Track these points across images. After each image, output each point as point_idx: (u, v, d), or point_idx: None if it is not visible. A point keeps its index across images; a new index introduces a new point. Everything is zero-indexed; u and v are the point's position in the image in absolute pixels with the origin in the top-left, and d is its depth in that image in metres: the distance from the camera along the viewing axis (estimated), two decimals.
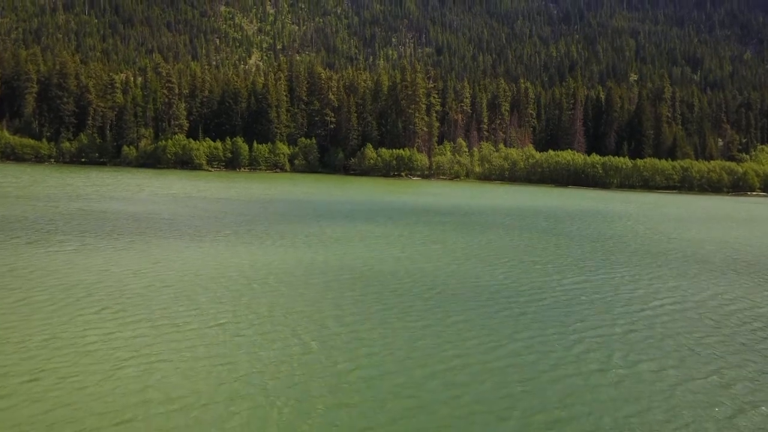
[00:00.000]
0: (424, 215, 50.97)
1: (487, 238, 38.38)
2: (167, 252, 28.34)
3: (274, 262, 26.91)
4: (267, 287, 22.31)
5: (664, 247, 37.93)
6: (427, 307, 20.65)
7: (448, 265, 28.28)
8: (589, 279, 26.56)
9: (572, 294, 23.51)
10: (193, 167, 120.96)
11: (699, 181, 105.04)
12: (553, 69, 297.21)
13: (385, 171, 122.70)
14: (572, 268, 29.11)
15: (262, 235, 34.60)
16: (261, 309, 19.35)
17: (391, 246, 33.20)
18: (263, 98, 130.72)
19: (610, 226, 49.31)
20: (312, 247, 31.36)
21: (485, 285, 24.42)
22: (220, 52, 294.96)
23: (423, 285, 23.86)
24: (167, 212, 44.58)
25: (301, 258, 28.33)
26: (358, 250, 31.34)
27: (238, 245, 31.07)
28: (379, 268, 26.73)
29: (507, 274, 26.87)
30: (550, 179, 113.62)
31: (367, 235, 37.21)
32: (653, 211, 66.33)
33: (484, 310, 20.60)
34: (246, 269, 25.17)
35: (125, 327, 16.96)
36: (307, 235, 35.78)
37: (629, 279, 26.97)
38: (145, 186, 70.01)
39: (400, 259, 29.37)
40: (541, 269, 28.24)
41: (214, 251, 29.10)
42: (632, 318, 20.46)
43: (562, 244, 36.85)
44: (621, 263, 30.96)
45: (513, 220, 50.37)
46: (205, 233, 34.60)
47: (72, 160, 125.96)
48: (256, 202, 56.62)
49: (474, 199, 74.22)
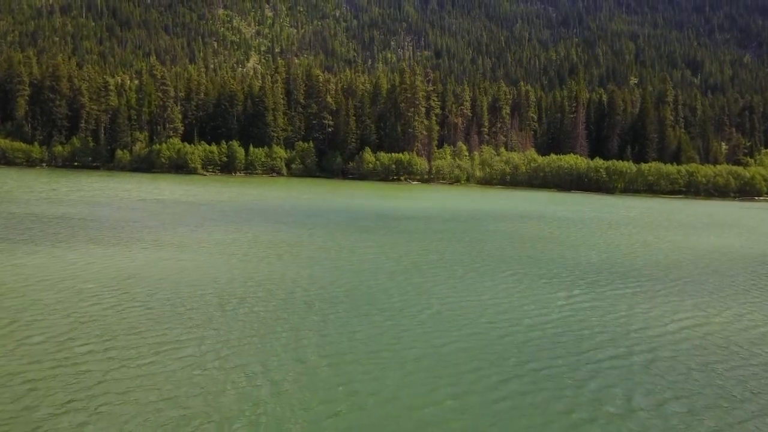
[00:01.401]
0: (402, 221, 48.68)
1: (478, 247, 36.04)
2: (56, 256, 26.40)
3: (128, 268, 24.59)
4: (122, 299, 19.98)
5: (675, 258, 35.59)
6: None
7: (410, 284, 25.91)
8: (599, 297, 24.23)
9: (582, 315, 21.17)
10: (188, 171, 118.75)
11: (705, 185, 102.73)
12: (553, 72, 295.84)
13: (384, 175, 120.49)
14: (579, 284, 26.76)
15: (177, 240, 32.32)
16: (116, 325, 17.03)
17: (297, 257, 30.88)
18: (260, 101, 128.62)
19: (617, 232, 47.02)
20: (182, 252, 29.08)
21: (478, 305, 22.07)
22: (218, 55, 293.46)
23: (371, 303, 21.51)
24: (122, 216, 42.77)
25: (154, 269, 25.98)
26: (223, 258, 29.01)
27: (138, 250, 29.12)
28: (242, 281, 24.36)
29: (507, 290, 24.53)
30: (553, 184, 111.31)
31: (280, 240, 34.92)
32: (659, 218, 64.04)
33: (483, 336, 18.27)
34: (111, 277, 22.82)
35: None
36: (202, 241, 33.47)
37: (643, 297, 24.63)
38: (133, 191, 67.73)
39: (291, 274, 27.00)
40: (546, 285, 25.89)
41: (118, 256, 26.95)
42: (652, 344, 18.14)
43: (568, 255, 34.52)
44: (632, 277, 28.63)
45: (509, 224, 48.00)
46: (131, 238, 32.31)
47: (64, 165, 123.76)
48: (231, 207, 54.35)
49: (470, 203, 71.92)
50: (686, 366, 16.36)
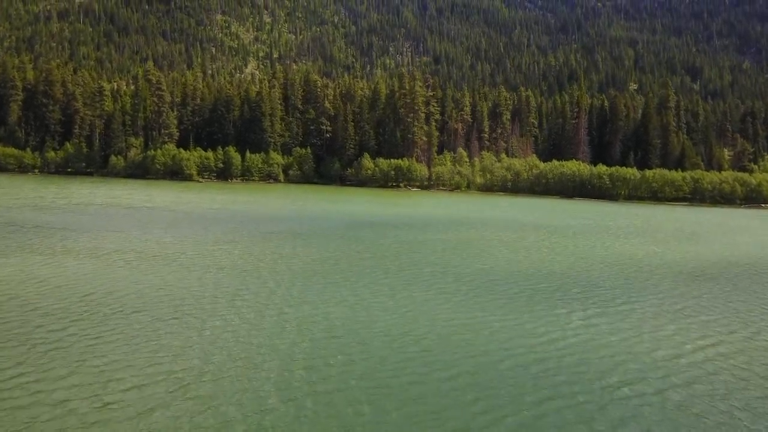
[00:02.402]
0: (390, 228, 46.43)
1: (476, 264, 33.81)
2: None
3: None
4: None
5: (690, 267, 33.38)
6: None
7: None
8: (606, 311, 21.95)
9: (603, 340, 18.88)
10: (183, 178, 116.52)
11: (711, 192, 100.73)
12: (552, 78, 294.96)
13: (383, 182, 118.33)
14: (592, 299, 24.50)
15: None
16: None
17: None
18: (257, 106, 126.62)
19: (627, 243, 44.83)
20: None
21: (475, 340, 19.80)
22: (216, 61, 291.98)
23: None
24: (79, 223, 40.86)
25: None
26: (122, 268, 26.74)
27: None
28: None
29: (500, 318, 22.28)
30: (555, 190, 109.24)
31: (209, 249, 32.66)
32: (665, 226, 61.87)
33: (493, 366, 15.99)
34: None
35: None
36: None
37: (653, 312, 22.38)
38: (123, 197, 65.42)
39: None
40: (547, 301, 23.63)
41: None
42: (667, 371, 15.91)
43: (579, 266, 32.28)
44: (645, 290, 26.39)
45: (509, 233, 45.82)
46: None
47: (57, 171, 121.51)
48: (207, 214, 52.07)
49: (466, 211, 69.71)
50: (727, 404, 14.12)
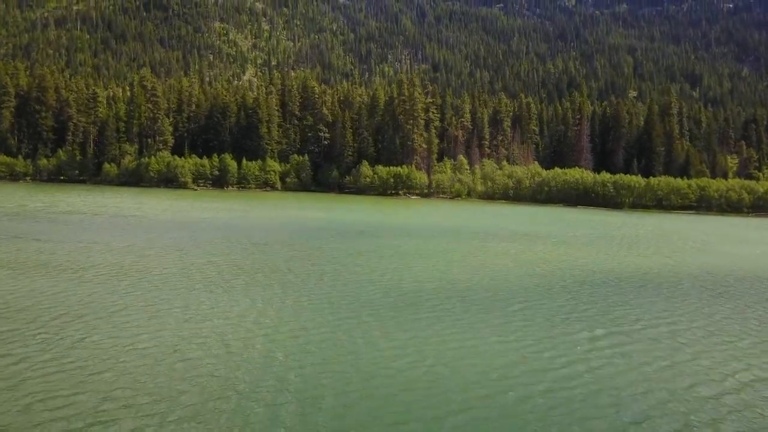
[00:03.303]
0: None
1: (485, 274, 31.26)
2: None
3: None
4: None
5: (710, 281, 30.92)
6: None
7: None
8: (618, 329, 19.44)
9: (619, 366, 16.36)
10: (178, 185, 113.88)
11: (717, 200, 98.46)
12: (551, 85, 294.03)
13: (382, 189, 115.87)
14: (600, 326, 21.99)
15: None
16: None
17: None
18: (253, 113, 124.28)
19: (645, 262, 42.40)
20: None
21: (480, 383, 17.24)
22: (213, 68, 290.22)
23: None
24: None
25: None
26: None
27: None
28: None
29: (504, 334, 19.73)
30: (558, 198, 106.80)
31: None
32: (674, 236, 59.48)
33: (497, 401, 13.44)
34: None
35: None
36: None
37: (669, 322, 19.86)
38: (112, 206, 62.78)
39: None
40: (565, 322, 21.09)
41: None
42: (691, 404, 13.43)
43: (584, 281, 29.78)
44: (662, 306, 23.91)
45: (517, 245, 43.32)
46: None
47: (50, 179, 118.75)
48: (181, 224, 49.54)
49: (465, 220, 67.22)
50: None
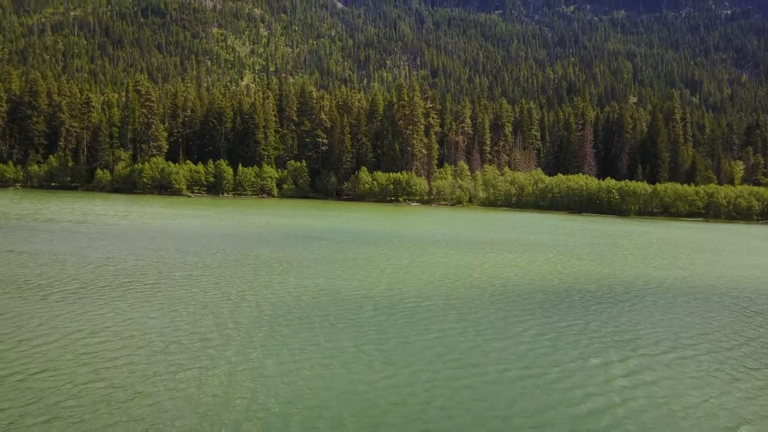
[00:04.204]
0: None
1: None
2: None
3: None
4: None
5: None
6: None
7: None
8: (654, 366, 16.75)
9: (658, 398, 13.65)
10: (172, 192, 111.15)
11: (726, 208, 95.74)
12: (551, 91, 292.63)
13: (381, 196, 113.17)
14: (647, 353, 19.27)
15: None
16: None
17: None
18: (250, 118, 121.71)
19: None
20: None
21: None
22: (211, 74, 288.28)
23: None
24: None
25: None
26: None
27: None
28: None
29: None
30: (562, 205, 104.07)
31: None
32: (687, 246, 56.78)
33: None
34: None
35: None
36: None
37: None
38: (98, 214, 59.97)
39: None
40: (588, 341, 18.39)
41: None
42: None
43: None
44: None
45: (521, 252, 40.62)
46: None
47: (41, 185, 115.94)
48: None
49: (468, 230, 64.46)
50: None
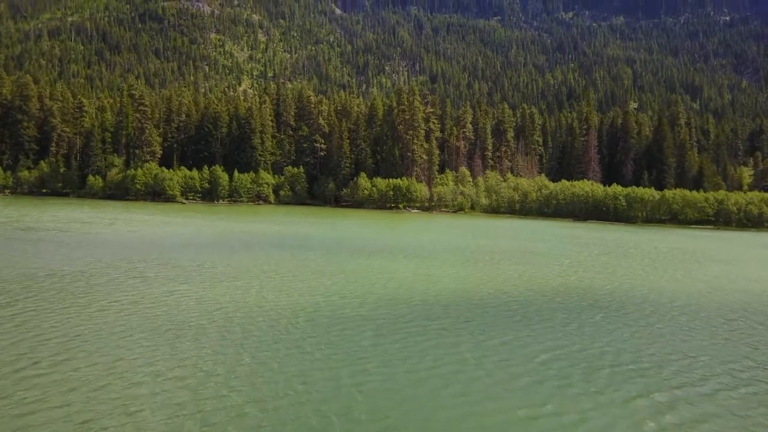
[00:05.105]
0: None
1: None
2: None
3: None
4: None
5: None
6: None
7: None
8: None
9: None
10: (165, 199, 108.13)
11: (737, 215, 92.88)
12: (551, 96, 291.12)
13: (380, 203, 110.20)
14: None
15: None
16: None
17: None
18: (246, 123, 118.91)
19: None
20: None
21: None
22: (209, 80, 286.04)
23: None
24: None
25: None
26: None
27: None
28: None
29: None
30: (567, 212, 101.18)
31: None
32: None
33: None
34: None
35: None
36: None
37: None
38: (83, 221, 56.85)
39: None
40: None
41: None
42: None
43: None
44: None
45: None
46: None
47: (31, 191, 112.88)
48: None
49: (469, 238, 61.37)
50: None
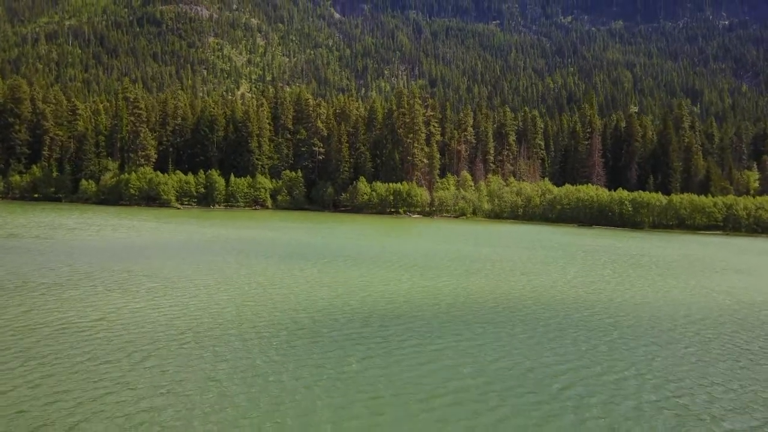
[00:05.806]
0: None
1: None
2: None
3: None
4: None
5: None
6: None
7: None
8: None
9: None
10: (160, 203, 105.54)
11: (746, 220, 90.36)
12: (551, 100, 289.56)
13: (380, 208, 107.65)
14: None
15: None
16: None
17: None
18: (243, 126, 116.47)
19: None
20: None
21: None
22: (207, 83, 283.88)
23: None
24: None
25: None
26: None
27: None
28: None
29: None
30: (571, 217, 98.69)
31: None
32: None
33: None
34: None
35: None
36: None
37: None
38: (69, 227, 54.28)
39: None
40: None
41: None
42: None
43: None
44: None
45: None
46: None
47: (23, 196, 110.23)
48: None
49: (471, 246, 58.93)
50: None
